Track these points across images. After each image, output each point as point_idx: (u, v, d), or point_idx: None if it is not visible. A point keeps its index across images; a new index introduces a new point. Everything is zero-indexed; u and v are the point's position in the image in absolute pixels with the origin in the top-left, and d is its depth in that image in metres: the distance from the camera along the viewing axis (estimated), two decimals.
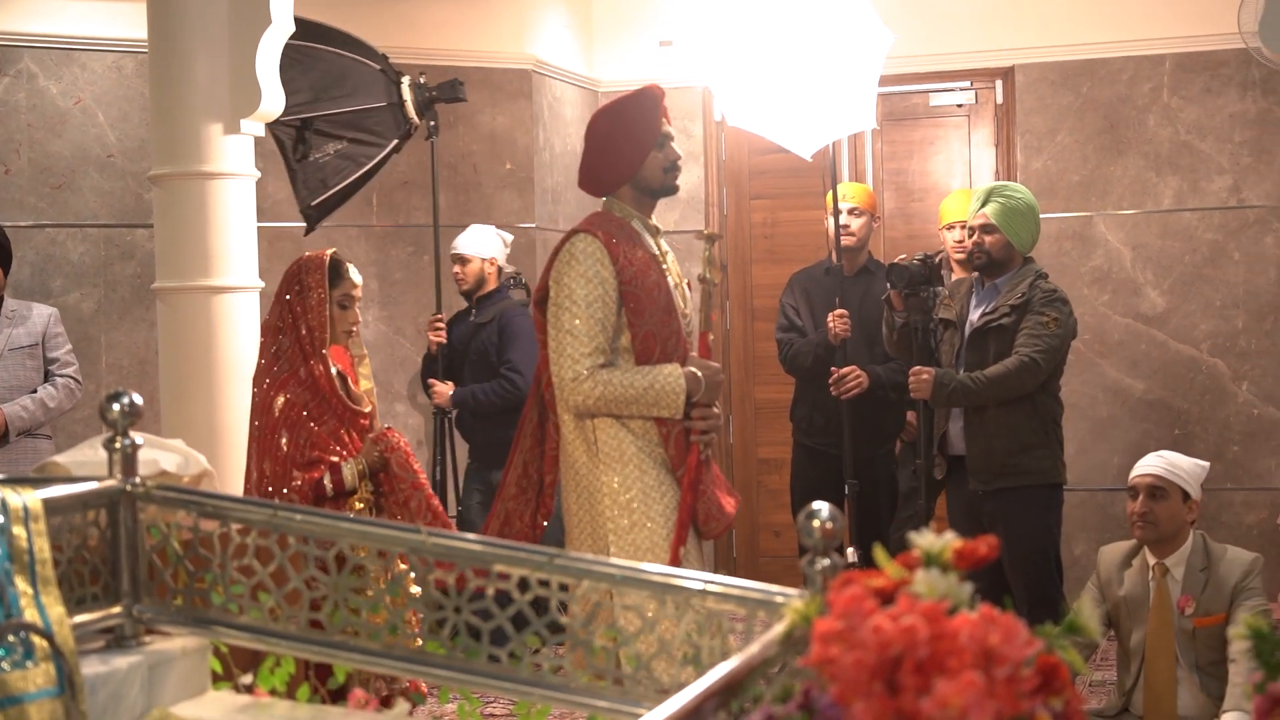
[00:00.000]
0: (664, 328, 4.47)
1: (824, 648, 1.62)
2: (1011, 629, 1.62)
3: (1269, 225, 8.16)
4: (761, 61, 5.94)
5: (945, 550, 1.83)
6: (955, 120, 8.79)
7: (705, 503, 4.47)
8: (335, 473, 4.74)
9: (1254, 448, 8.21)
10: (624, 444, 4.41)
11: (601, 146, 4.65)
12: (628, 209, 4.66)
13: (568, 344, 4.37)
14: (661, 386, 4.37)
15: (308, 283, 4.82)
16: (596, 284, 4.39)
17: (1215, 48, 8.19)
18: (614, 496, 4.39)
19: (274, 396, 4.73)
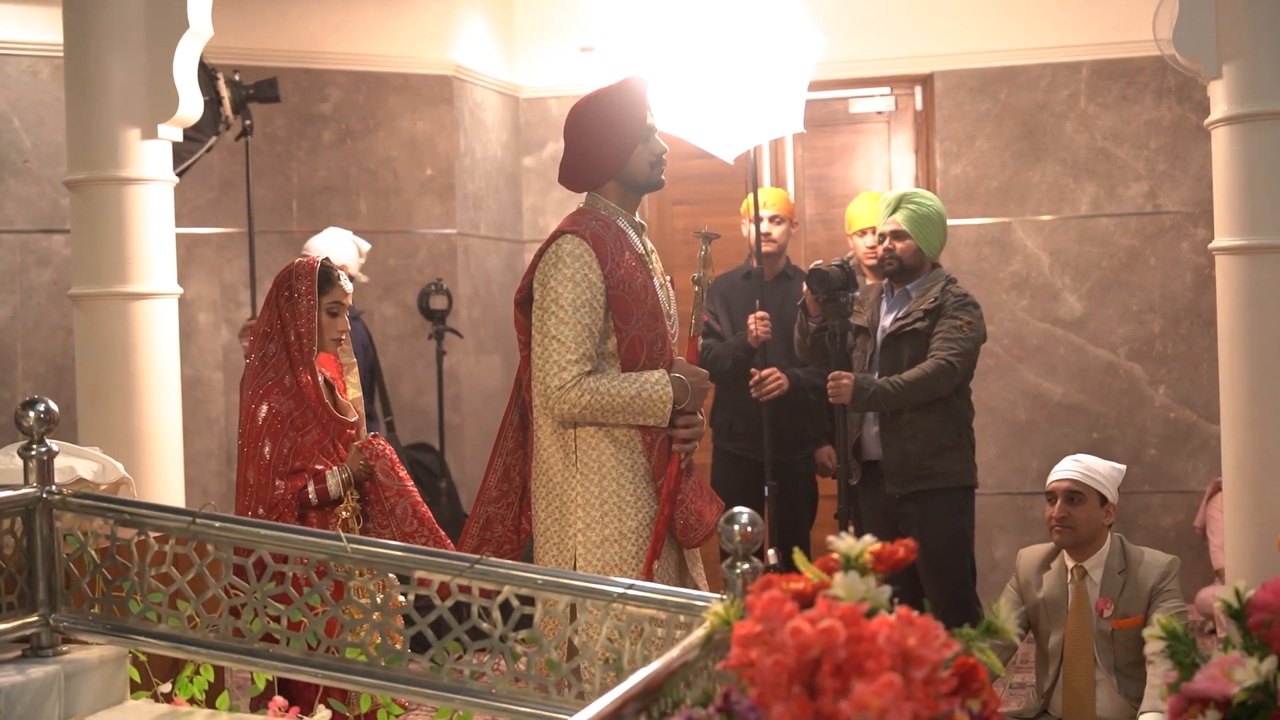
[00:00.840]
0: (650, 331, 4.32)
1: (744, 651, 1.63)
2: (929, 631, 1.63)
3: (1184, 231, 8.26)
4: (684, 65, 5.93)
5: (863, 554, 1.84)
6: (875, 126, 8.84)
7: (684, 513, 4.33)
8: (319, 481, 4.68)
9: (1171, 451, 8.30)
10: (604, 453, 4.26)
11: (585, 140, 4.41)
12: (613, 205, 4.44)
13: (554, 350, 4.21)
14: (649, 395, 4.23)
15: (297, 289, 4.74)
16: (584, 287, 4.22)
17: (1131, 55, 8.28)
18: (586, 508, 4.25)
19: (257, 406, 4.68)
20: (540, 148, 9.06)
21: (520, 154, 9.08)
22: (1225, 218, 5.09)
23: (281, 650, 3.07)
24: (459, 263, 8.25)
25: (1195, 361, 8.25)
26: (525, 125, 9.10)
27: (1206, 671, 1.83)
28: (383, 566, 2.91)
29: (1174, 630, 1.95)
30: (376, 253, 8.12)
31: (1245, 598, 1.88)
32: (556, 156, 8.98)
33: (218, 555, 3.17)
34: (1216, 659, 1.85)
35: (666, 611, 2.49)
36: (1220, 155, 5.08)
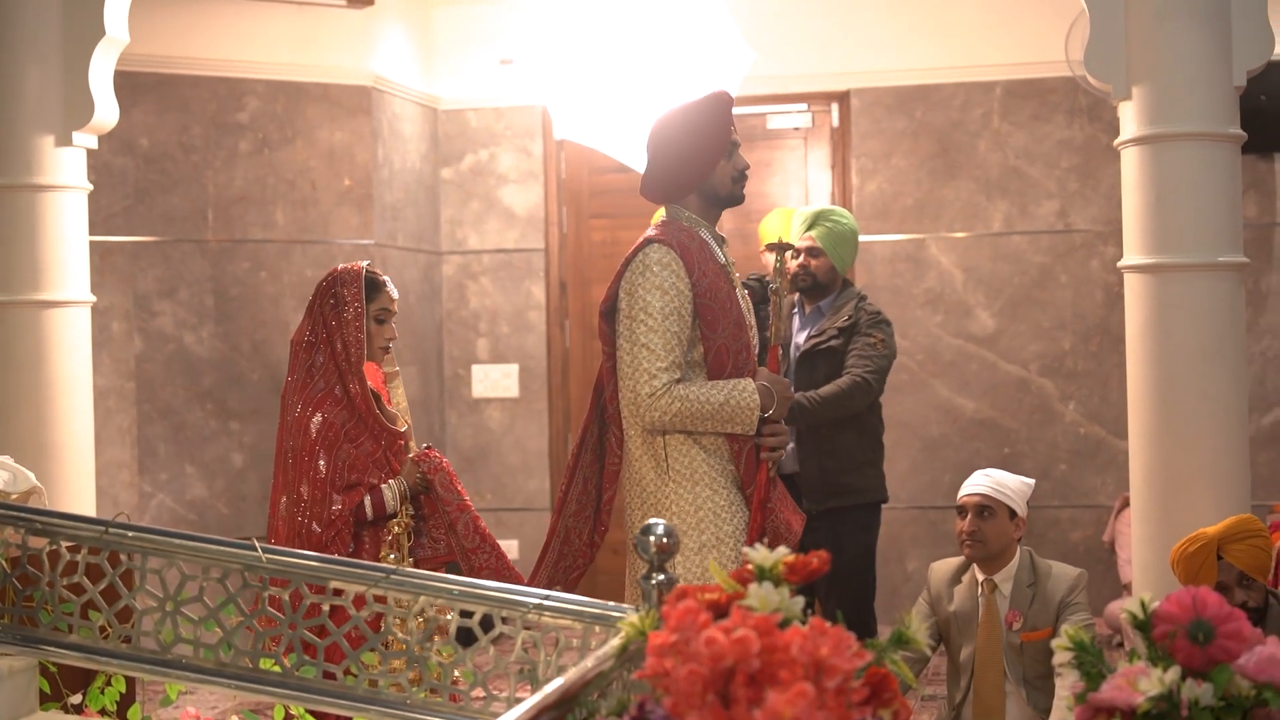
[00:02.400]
0: (736, 340, 4.31)
1: (658, 660, 1.64)
2: (842, 641, 1.65)
3: (1095, 249, 8.36)
4: (603, 77, 5.94)
5: (777, 565, 1.86)
6: (792, 142, 8.89)
7: (774, 522, 4.35)
8: (376, 495, 4.51)
9: (1080, 466, 8.40)
10: (695, 461, 4.26)
11: (669, 153, 4.42)
12: (694, 217, 4.44)
13: (643, 358, 4.19)
14: (737, 403, 4.22)
15: (343, 296, 4.59)
16: (672, 295, 4.20)
17: (1044, 75, 8.38)
18: (682, 515, 4.23)
19: (309, 416, 4.48)
20: (459, 159, 9.05)
21: (439, 166, 9.07)
22: (1134, 236, 5.17)
23: (195, 661, 3.05)
24: None
25: (1105, 378, 8.35)
26: (444, 137, 9.09)
27: (1112, 682, 1.86)
28: (297, 577, 2.90)
29: (1081, 641, 1.98)
30: (293, 262, 8.09)
31: (1150, 609, 1.91)
32: (475, 168, 8.98)
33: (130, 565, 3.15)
34: (1122, 669, 1.88)
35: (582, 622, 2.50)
36: (1129, 175, 5.17)
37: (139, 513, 7.63)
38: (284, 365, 7.96)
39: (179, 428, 7.85)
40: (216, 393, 7.93)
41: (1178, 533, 4.82)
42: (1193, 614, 1.86)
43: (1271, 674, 1.81)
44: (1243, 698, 1.82)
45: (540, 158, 8.99)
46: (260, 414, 8.00)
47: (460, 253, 9.02)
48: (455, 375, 9.07)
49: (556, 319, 9.03)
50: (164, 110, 7.82)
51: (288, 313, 8.08)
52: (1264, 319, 8.26)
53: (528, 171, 9.00)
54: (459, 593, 2.77)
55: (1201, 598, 1.88)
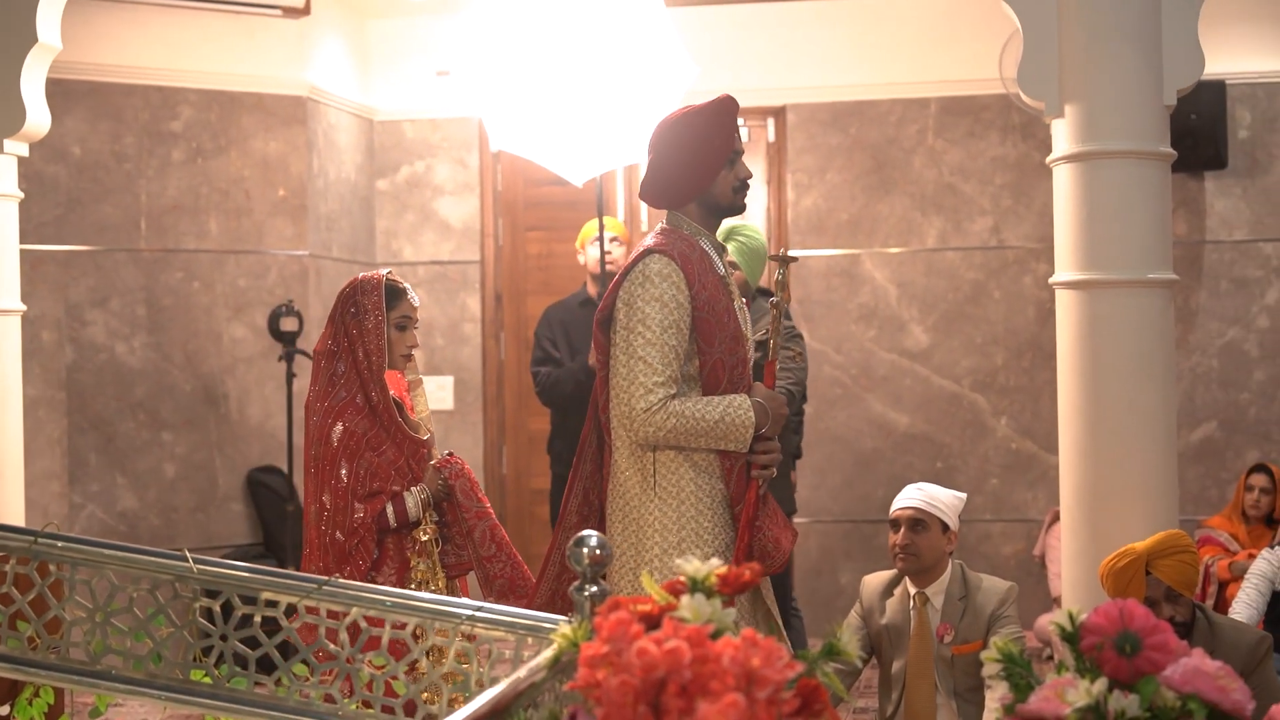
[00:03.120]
0: (732, 355, 4.21)
1: (590, 671, 1.64)
2: (773, 652, 1.66)
3: (1027, 265, 8.43)
4: (539, 88, 5.92)
5: (710, 576, 1.87)
6: None
7: (761, 540, 4.24)
8: (398, 503, 4.47)
9: (1012, 480, 8.46)
10: (684, 479, 4.16)
11: (670, 159, 4.29)
12: (695, 225, 4.31)
13: (639, 372, 4.08)
14: (733, 420, 4.12)
15: (364, 304, 4.54)
16: (672, 308, 4.09)
17: (978, 93, 8.45)
18: (663, 533, 4.15)
19: (331, 425, 4.45)
20: (394, 171, 9.03)
21: (374, 177, 9.04)
22: (1065, 253, 5.21)
23: (124, 672, 3.03)
24: (310, 284, 8.20)
25: (1036, 393, 8.41)
26: (379, 148, 9.06)
27: (1040, 693, 1.88)
28: (228, 587, 2.89)
29: (1010, 653, 2.00)
30: (227, 272, 8.05)
31: (1078, 622, 1.93)
32: (411, 180, 8.97)
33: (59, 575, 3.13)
34: (1050, 680, 1.89)
35: (515, 633, 2.50)
36: (1061, 192, 5.21)
37: (69, 524, 7.56)
38: (216, 375, 7.95)
39: (110, 438, 7.79)
40: (148, 403, 7.87)
41: (1107, 547, 4.86)
42: (1120, 626, 1.88)
43: (1196, 685, 1.83)
44: (1168, 709, 1.84)
45: (476, 170, 8.98)
46: (193, 425, 7.95)
47: (395, 264, 9.00)
48: None
49: (492, 331, 9.02)
50: (97, 118, 7.77)
51: (220, 323, 8.04)
52: (1193, 336, 8.34)
53: (463, 183, 8.99)
54: (392, 604, 2.76)
55: (1128, 610, 1.90)
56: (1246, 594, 6.64)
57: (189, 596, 3.00)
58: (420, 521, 4.53)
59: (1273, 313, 8.34)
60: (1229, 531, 7.74)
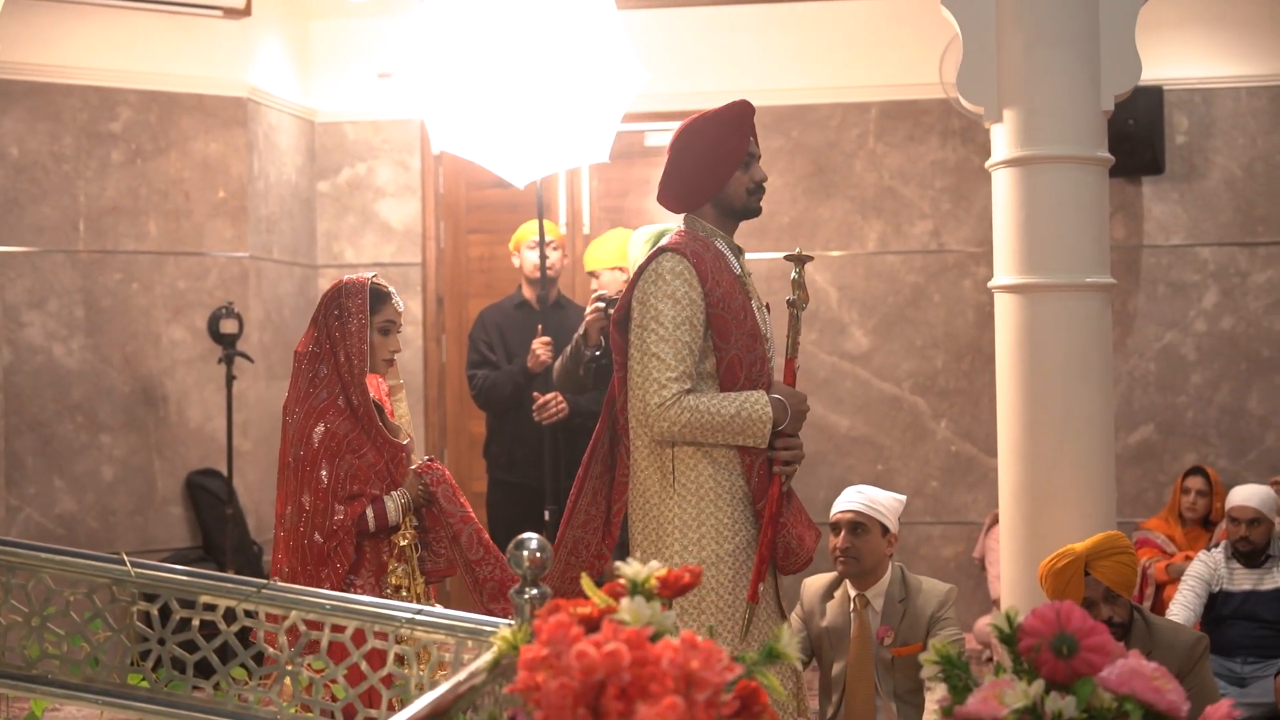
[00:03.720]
0: (749, 353, 4.20)
1: (529, 674, 1.64)
2: (712, 655, 1.66)
3: (967, 269, 8.48)
4: (482, 89, 5.88)
5: (650, 579, 1.87)
6: None
7: (784, 537, 4.24)
8: (378, 507, 4.44)
9: (952, 483, 8.51)
10: (703, 476, 4.16)
11: (685, 161, 4.34)
12: (710, 227, 4.34)
13: (653, 368, 4.09)
14: (749, 414, 4.11)
15: (348, 307, 4.51)
16: (685, 305, 4.09)
17: (918, 97, 8.50)
18: (684, 530, 4.14)
19: (312, 426, 4.41)
20: (335, 173, 9.00)
21: (315, 179, 9.01)
22: (1003, 256, 5.25)
23: (60, 676, 3.01)
24: (250, 286, 8.15)
25: (976, 396, 8.46)
26: (321, 150, 9.03)
27: (978, 695, 1.88)
28: (167, 591, 2.87)
29: (948, 655, 2.01)
30: (166, 274, 8.00)
31: (1016, 623, 1.94)
32: (352, 182, 8.93)
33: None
34: (988, 682, 1.90)
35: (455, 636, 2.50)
36: (1000, 196, 5.25)
37: (6, 527, 7.49)
38: (155, 378, 7.89)
39: (48, 440, 7.73)
40: (86, 405, 7.81)
41: (1045, 549, 4.89)
42: (1057, 628, 1.89)
43: (1133, 686, 1.85)
44: (1105, 710, 1.85)
45: (418, 172, 8.95)
46: (131, 427, 7.89)
47: (336, 266, 8.96)
48: None
49: (433, 334, 8.99)
50: (35, 119, 7.71)
51: (159, 324, 7.99)
52: (1131, 339, 8.41)
53: (405, 185, 8.96)
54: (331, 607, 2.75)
55: (1066, 612, 1.91)
56: (1183, 596, 6.70)
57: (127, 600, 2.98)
58: (400, 526, 4.50)
59: (1209, 317, 8.42)
60: (1166, 534, 7.80)
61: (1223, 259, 8.43)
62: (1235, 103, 8.41)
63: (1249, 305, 8.41)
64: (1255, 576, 6.66)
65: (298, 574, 4.32)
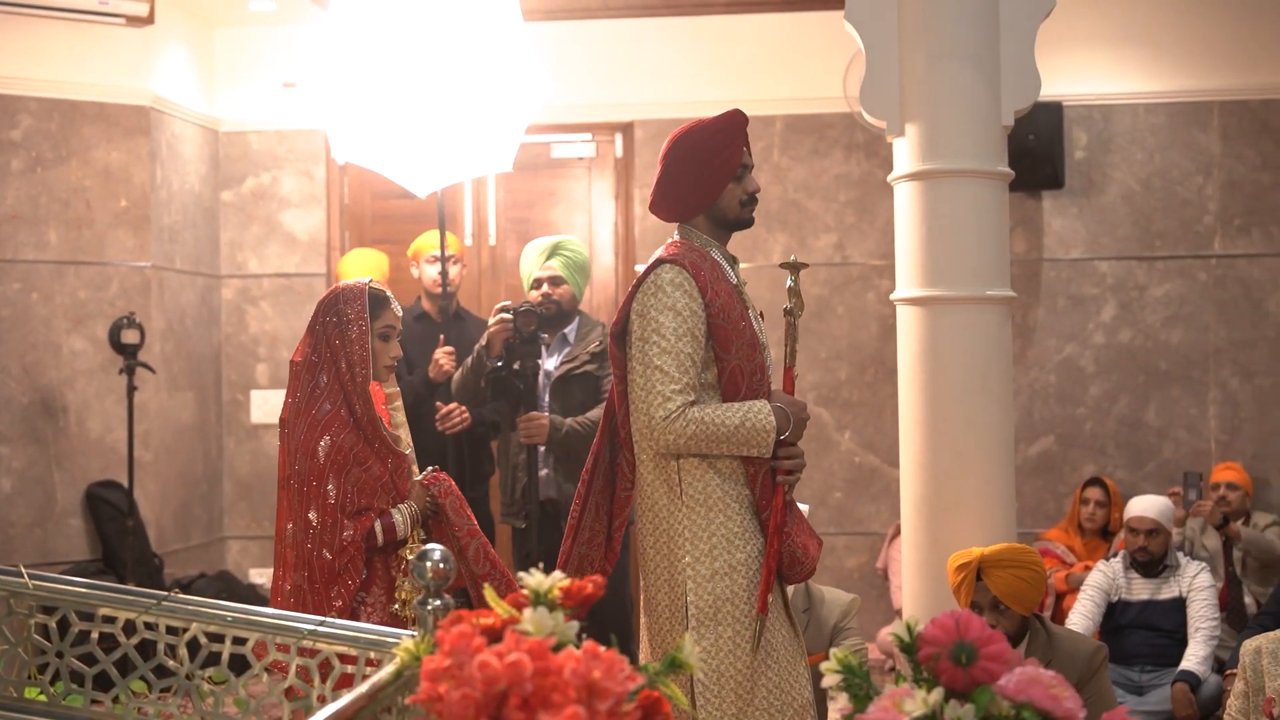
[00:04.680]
0: (749, 362, 4.16)
1: (432, 685, 1.65)
2: (614, 664, 1.67)
3: (870, 281, 8.54)
4: (384, 99, 5.86)
5: (553, 589, 1.88)
6: (577, 172, 8.94)
7: (789, 547, 4.18)
8: (386, 520, 4.33)
9: (855, 494, 8.56)
10: (710, 486, 4.11)
11: (678, 173, 4.29)
12: (705, 237, 4.31)
13: (656, 381, 4.04)
14: (753, 425, 4.06)
15: (346, 314, 4.38)
16: (686, 316, 4.06)
17: (823, 111, 8.56)
18: (695, 541, 4.10)
19: (316, 439, 4.28)
20: (239, 182, 8.94)
21: (219, 188, 8.94)
22: (905, 269, 5.29)
23: None
24: (153, 296, 8.08)
25: (879, 408, 8.52)
26: (225, 159, 8.96)
27: (879, 703, 1.90)
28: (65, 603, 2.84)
29: (849, 664, 2.02)
30: (66, 284, 7.91)
31: (916, 632, 1.96)
32: (256, 191, 8.88)
33: None
34: (888, 691, 1.92)
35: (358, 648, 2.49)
36: (902, 209, 5.30)
37: None
38: (55, 388, 7.80)
39: None
40: None
41: (946, 559, 4.94)
42: (956, 636, 1.91)
43: (1030, 694, 1.87)
44: (1003, 717, 1.87)
45: (323, 182, 8.91)
46: (30, 438, 7.79)
47: (240, 276, 8.90)
48: (234, 400, 8.94)
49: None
50: None
51: (60, 334, 7.90)
52: (1031, 351, 8.51)
53: (310, 195, 8.92)
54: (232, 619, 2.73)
55: (964, 621, 1.93)
56: (1083, 605, 6.78)
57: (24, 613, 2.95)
58: (408, 539, 4.40)
59: (1108, 329, 8.53)
60: (1066, 544, 7.90)
61: (1121, 273, 8.55)
62: (1133, 119, 8.53)
63: (1147, 318, 8.53)
64: (1153, 586, 6.75)
65: (304, 593, 4.22)
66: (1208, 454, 8.45)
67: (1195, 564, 6.82)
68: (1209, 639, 6.53)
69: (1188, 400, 8.51)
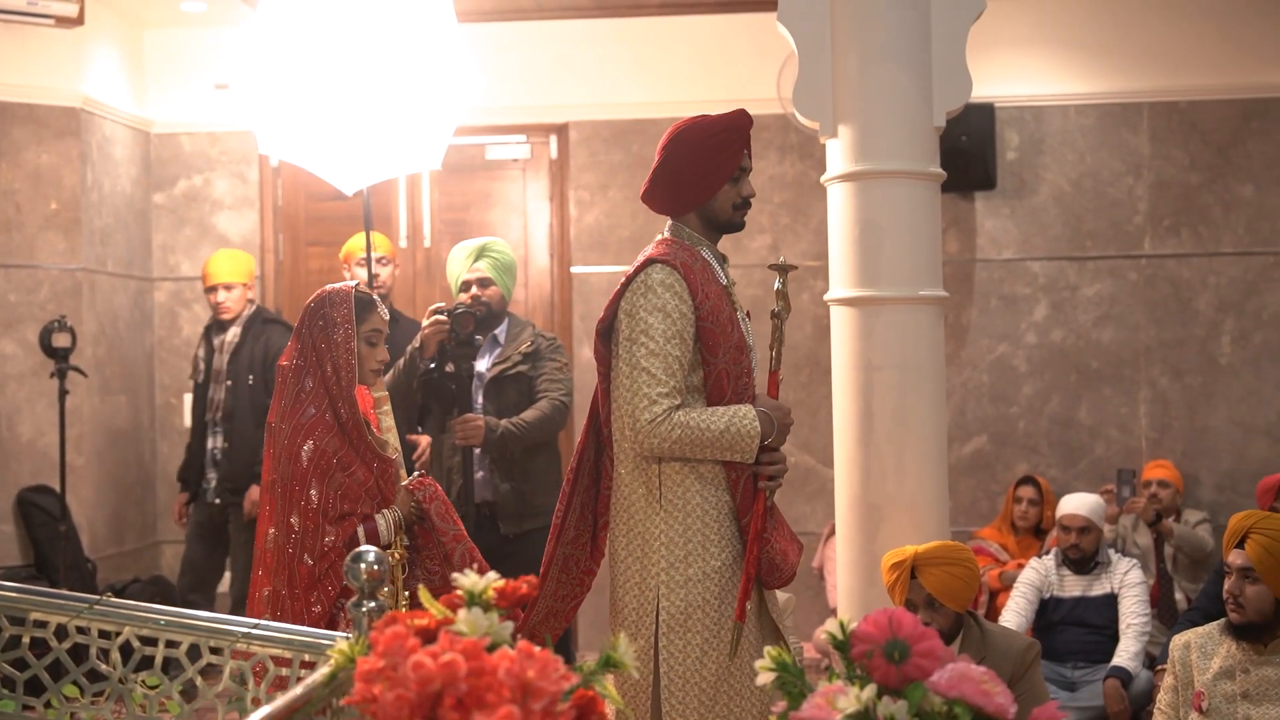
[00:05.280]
0: (736, 365, 4.13)
1: (366, 686, 1.65)
2: (548, 664, 1.67)
3: (805, 282, 8.57)
4: (312, 96, 5.80)
5: (487, 590, 1.88)
6: (511, 173, 8.94)
7: (770, 553, 4.15)
8: (369, 526, 4.29)
9: (790, 494, 8.58)
10: (690, 491, 4.06)
11: (675, 167, 4.24)
12: (695, 235, 4.28)
13: (643, 383, 3.98)
14: (738, 430, 4.01)
15: (332, 318, 4.36)
16: (675, 318, 4.01)
17: (757, 112, 8.50)
18: (669, 546, 4.05)
19: (300, 443, 4.25)
20: (171, 184, 8.88)
21: (151, 190, 8.88)
22: (839, 270, 5.32)
23: None
24: (84, 299, 8.02)
25: (815, 408, 8.55)
26: (156, 161, 8.90)
27: (812, 701, 1.91)
28: None
29: (783, 662, 2.03)
30: None
31: (849, 630, 1.97)
32: (189, 194, 8.83)
33: None
34: (821, 688, 1.93)
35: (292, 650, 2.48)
36: (835, 210, 5.32)
37: None
38: None
39: None
40: None
41: (880, 559, 4.96)
42: (889, 634, 1.92)
43: (962, 690, 1.88)
44: (935, 713, 1.88)
45: (256, 184, 8.86)
46: None
47: (173, 279, 8.85)
48: (167, 404, 8.88)
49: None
50: None
51: None
52: (964, 352, 8.56)
53: (243, 197, 8.87)
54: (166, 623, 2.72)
55: (897, 618, 1.94)
56: (1016, 603, 6.83)
57: None
58: (391, 545, 4.36)
59: (1040, 329, 8.60)
60: (999, 542, 7.96)
61: (1053, 272, 8.62)
62: (1064, 120, 8.60)
63: (1078, 318, 8.60)
64: (1085, 583, 6.81)
65: (283, 598, 4.19)
66: (1139, 452, 8.53)
67: (1127, 561, 6.88)
68: (1140, 635, 6.59)
69: (1119, 399, 8.59)
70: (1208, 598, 5.94)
